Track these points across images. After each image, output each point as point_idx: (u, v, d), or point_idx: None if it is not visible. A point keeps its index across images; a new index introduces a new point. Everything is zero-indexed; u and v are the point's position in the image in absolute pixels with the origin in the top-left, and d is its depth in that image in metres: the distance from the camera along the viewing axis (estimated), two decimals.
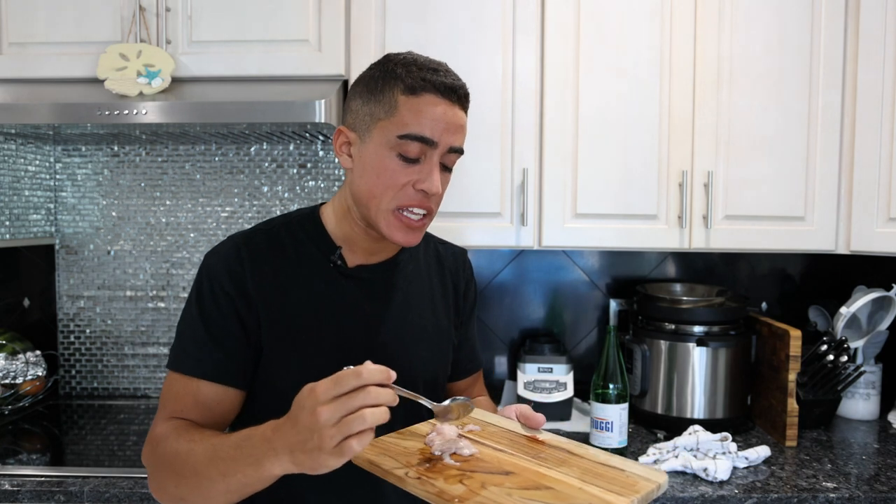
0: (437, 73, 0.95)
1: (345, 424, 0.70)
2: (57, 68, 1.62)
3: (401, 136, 0.93)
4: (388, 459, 0.84)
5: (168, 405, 0.98)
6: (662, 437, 1.65)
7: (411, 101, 0.94)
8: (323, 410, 0.71)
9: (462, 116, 0.98)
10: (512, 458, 0.86)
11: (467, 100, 0.99)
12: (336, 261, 1.03)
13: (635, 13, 1.63)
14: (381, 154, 0.95)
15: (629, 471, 0.82)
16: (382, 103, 0.95)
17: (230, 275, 0.98)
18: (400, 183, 0.95)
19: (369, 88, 0.97)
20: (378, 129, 0.95)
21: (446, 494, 0.75)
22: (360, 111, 0.98)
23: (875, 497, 1.34)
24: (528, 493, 0.76)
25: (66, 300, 2.02)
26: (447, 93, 0.95)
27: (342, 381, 0.71)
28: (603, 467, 0.84)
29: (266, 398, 1.00)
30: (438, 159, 0.96)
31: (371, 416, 0.70)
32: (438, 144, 0.94)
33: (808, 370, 1.70)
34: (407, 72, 0.95)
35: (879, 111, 1.61)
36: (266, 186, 1.99)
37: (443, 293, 1.14)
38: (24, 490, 1.35)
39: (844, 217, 1.66)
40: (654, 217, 1.67)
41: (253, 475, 0.80)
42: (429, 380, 1.09)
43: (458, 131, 0.97)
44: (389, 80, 0.95)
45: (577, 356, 2.02)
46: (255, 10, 1.61)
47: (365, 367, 0.72)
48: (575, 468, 0.83)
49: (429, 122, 0.93)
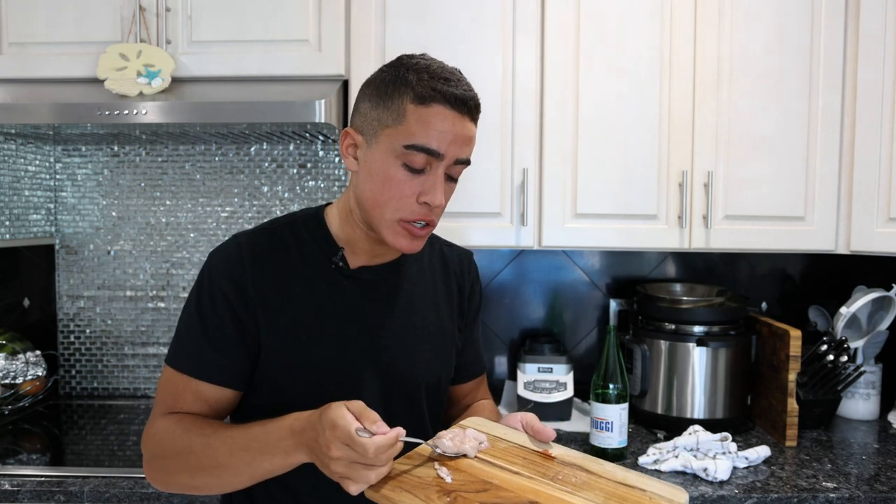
0: (449, 82, 0.93)
1: (350, 469, 0.79)
2: (57, 68, 1.62)
3: (407, 145, 0.91)
4: (406, 495, 0.82)
5: (167, 400, 0.99)
6: (662, 437, 1.65)
7: (420, 111, 0.92)
8: (333, 449, 0.79)
9: (471, 128, 0.96)
10: (531, 482, 0.84)
11: (478, 111, 0.97)
12: (338, 262, 1.02)
13: (635, 13, 1.63)
14: (387, 162, 0.94)
15: (650, 491, 0.82)
16: (391, 110, 0.93)
17: (230, 275, 0.98)
18: (404, 194, 0.94)
19: (379, 92, 0.95)
20: (385, 136, 0.94)
21: None
22: (369, 115, 0.96)
23: (875, 497, 1.34)
24: None
25: (66, 300, 2.02)
26: (457, 104, 0.92)
27: (355, 446, 0.78)
28: (624, 488, 0.83)
29: (267, 393, 1.01)
30: (444, 171, 0.94)
31: (375, 475, 0.79)
32: (445, 157, 0.93)
33: (808, 370, 1.70)
34: (418, 79, 0.92)
35: (879, 111, 1.61)
36: (266, 186, 1.99)
37: (447, 295, 1.14)
38: (24, 490, 1.35)
39: (844, 217, 1.66)
40: (654, 217, 1.67)
41: (281, 463, 0.86)
42: (431, 382, 1.09)
43: (467, 143, 0.95)
44: (400, 86, 0.93)
45: (577, 356, 2.02)
46: (255, 10, 1.61)
47: (375, 445, 0.78)
48: (598, 492, 0.82)
49: (436, 134, 0.91)
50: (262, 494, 1.02)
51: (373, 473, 0.79)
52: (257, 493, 1.01)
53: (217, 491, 0.95)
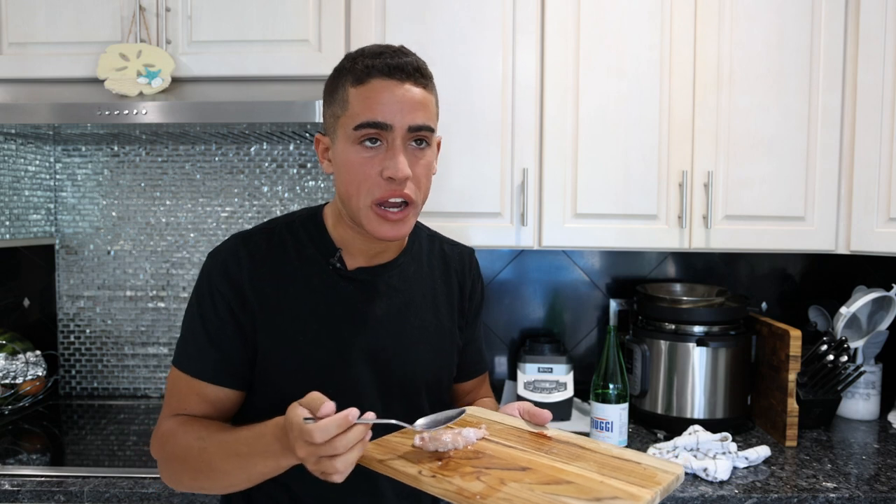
0: (383, 55, 0.93)
1: (319, 464, 0.77)
2: (57, 68, 1.62)
3: (356, 127, 0.92)
4: (397, 459, 0.83)
5: (172, 402, 1.00)
6: (662, 437, 1.65)
7: (359, 91, 0.92)
8: (298, 449, 0.77)
9: (417, 92, 0.94)
10: (524, 454, 0.84)
11: (421, 74, 0.95)
12: (335, 263, 1.02)
13: (635, 13, 1.63)
14: (346, 150, 0.94)
15: (645, 463, 0.81)
16: (338, 101, 0.95)
17: (227, 276, 0.98)
18: (368, 174, 0.93)
19: (328, 90, 0.98)
20: (340, 128, 0.95)
21: (466, 492, 0.74)
22: (326, 114, 0.99)
23: (875, 497, 1.34)
24: (550, 487, 0.74)
25: (66, 300, 2.02)
26: (394, 72, 0.92)
27: (306, 436, 0.75)
28: (618, 461, 0.82)
29: (266, 394, 1.01)
30: (401, 142, 0.93)
31: (341, 463, 0.76)
32: (394, 127, 0.91)
33: (808, 370, 1.70)
34: (353, 63, 0.94)
35: (879, 111, 1.61)
36: (266, 186, 1.99)
37: (447, 294, 1.13)
38: (24, 490, 1.35)
39: (844, 217, 1.66)
40: (654, 217, 1.67)
41: (273, 466, 0.86)
42: (431, 382, 1.09)
43: (416, 108, 0.93)
44: (340, 76, 0.96)
45: (577, 356, 2.02)
46: (255, 10, 1.61)
47: (319, 429, 0.74)
48: (591, 462, 0.82)
49: (378, 107, 0.91)
50: (259, 494, 1.02)
51: (337, 462, 0.76)
52: (255, 493, 1.01)
53: (220, 491, 0.96)
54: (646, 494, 0.73)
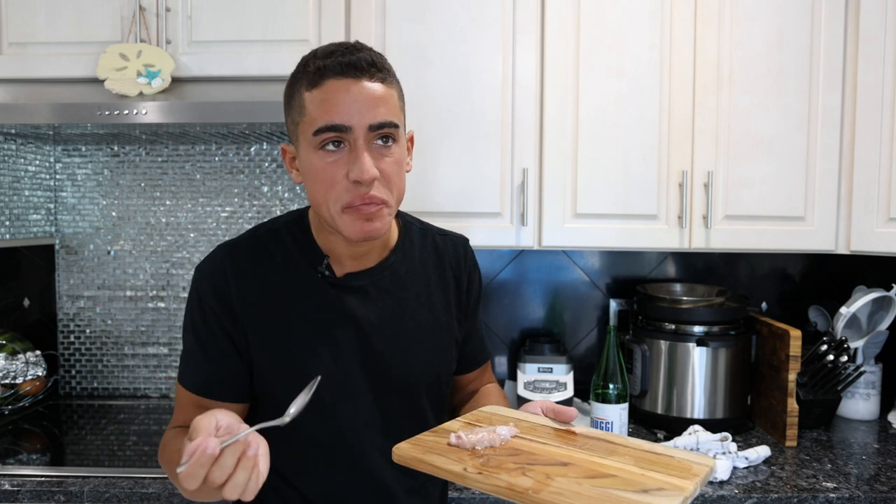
0: (334, 54, 0.89)
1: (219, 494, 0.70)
2: (57, 68, 1.62)
3: (315, 132, 0.88)
4: (438, 457, 0.81)
5: (177, 414, 1.01)
6: (662, 437, 1.65)
7: (314, 95, 0.89)
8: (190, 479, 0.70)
9: (375, 88, 0.89)
10: (559, 450, 0.84)
11: (377, 68, 0.90)
12: (324, 271, 1.00)
13: (635, 13, 1.63)
14: (310, 157, 0.91)
15: (678, 457, 0.82)
16: (295, 107, 0.92)
17: (215, 291, 0.97)
18: (334, 179, 0.89)
19: (286, 97, 0.95)
20: (301, 134, 0.92)
21: (517, 487, 0.73)
22: (287, 122, 0.96)
23: (875, 497, 1.34)
24: (595, 481, 0.75)
25: (66, 300, 2.02)
26: (347, 70, 0.88)
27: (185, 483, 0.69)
28: (651, 454, 0.83)
29: (267, 405, 1.01)
30: (364, 142, 0.89)
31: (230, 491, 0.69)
32: (354, 127, 0.88)
33: (808, 370, 1.70)
34: (305, 66, 0.91)
35: (879, 111, 1.61)
36: (266, 186, 1.99)
37: (442, 289, 1.10)
38: (24, 490, 1.35)
39: (844, 217, 1.66)
40: (654, 217, 1.67)
41: None
42: (430, 381, 1.07)
43: (376, 105, 0.88)
44: (294, 83, 0.93)
45: (577, 356, 2.02)
46: (255, 10, 1.61)
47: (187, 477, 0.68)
48: (626, 457, 0.82)
49: (334, 108, 0.87)
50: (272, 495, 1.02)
51: (225, 491, 0.70)
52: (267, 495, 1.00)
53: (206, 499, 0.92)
54: (688, 485, 0.74)
